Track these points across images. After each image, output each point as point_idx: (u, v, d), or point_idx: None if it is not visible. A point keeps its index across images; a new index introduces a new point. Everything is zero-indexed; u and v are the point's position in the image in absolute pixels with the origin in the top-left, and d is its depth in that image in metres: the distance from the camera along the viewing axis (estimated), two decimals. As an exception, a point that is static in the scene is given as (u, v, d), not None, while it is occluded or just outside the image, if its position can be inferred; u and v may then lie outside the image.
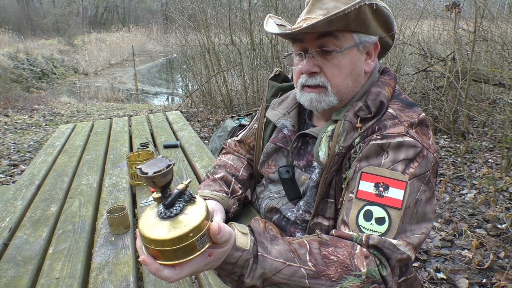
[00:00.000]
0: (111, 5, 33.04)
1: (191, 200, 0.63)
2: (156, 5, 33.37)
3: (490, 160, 3.51)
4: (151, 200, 1.43)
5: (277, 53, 5.46)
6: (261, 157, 1.15)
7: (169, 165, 0.61)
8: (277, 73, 1.22)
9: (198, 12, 5.86)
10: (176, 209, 0.61)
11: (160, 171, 0.59)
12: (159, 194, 0.62)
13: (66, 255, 1.12)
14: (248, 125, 1.33)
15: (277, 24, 1.04)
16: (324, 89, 0.93)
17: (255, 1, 7.33)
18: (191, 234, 0.58)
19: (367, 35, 0.90)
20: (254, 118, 1.29)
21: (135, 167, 1.53)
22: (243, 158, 1.28)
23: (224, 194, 1.10)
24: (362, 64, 0.94)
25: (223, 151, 1.36)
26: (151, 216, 0.62)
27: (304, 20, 0.90)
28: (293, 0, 5.72)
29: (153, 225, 0.60)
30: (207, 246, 0.61)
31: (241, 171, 1.22)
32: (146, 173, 0.59)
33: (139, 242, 0.64)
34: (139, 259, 0.62)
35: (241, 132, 1.34)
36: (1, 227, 1.31)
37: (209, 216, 0.62)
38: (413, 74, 4.42)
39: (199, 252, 0.60)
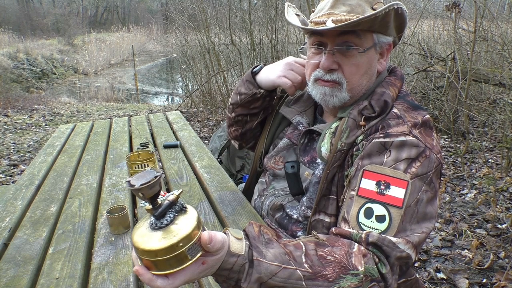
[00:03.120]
0: (111, 5, 33.03)
1: (182, 210, 0.64)
2: (156, 5, 33.37)
3: (490, 160, 3.51)
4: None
5: (277, 53, 5.46)
6: (272, 151, 1.17)
7: (156, 177, 0.61)
8: None
9: (198, 12, 5.86)
10: (166, 220, 0.61)
11: (146, 182, 0.60)
12: (151, 206, 0.62)
13: (66, 255, 1.12)
14: None
15: (295, 14, 1.05)
16: (338, 85, 0.93)
17: (255, 1, 7.33)
18: (181, 244, 0.59)
19: (385, 36, 0.92)
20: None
21: (135, 168, 1.54)
22: None
23: None
24: (376, 64, 0.95)
25: None
26: (143, 227, 0.63)
27: (328, 15, 0.89)
28: (293, 0, 5.71)
29: (144, 236, 0.61)
30: (198, 255, 0.61)
31: None
32: (134, 186, 0.60)
33: (134, 254, 0.64)
34: (133, 269, 0.62)
35: None
36: (1, 227, 1.31)
37: (200, 225, 0.63)
38: (413, 74, 4.42)
39: (190, 262, 0.60)
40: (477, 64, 3.75)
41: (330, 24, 0.86)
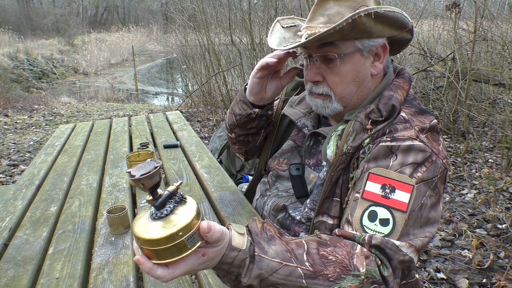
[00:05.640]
0: (111, 5, 33.03)
1: (182, 200, 0.65)
2: (156, 5, 33.37)
3: (490, 160, 3.52)
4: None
5: (277, 53, 5.45)
6: (276, 153, 1.17)
7: (155, 167, 0.63)
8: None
9: (198, 12, 5.86)
10: (166, 210, 0.63)
11: (146, 173, 0.61)
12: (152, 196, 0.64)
13: (66, 255, 1.12)
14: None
15: (285, 27, 1.04)
16: (328, 97, 0.95)
17: (255, 1, 7.33)
18: (181, 233, 0.60)
19: (372, 40, 0.90)
20: (277, 100, 1.29)
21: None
22: None
23: None
24: (368, 68, 0.93)
25: None
26: (143, 217, 0.64)
27: (306, 29, 0.90)
28: (293, 0, 5.72)
29: (144, 225, 0.62)
30: (198, 245, 0.62)
31: None
32: (134, 176, 0.61)
33: (135, 244, 0.65)
34: (134, 259, 0.63)
35: None
36: (1, 227, 1.31)
37: (199, 216, 0.64)
38: (413, 74, 4.42)
39: (190, 251, 0.61)
40: (477, 64, 3.75)
41: (303, 40, 0.86)
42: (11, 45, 15.33)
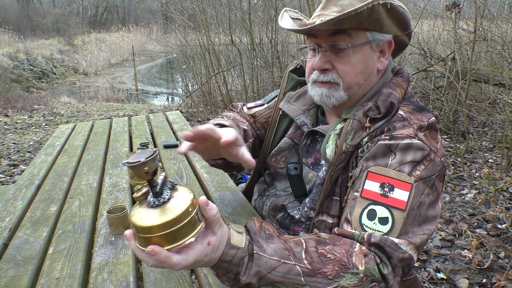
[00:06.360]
0: (111, 5, 33.05)
1: (173, 187, 0.67)
2: (156, 5, 33.39)
3: (490, 160, 3.51)
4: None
5: (277, 53, 5.46)
6: (274, 150, 1.15)
7: (154, 151, 0.64)
8: (297, 66, 1.22)
9: (198, 12, 5.86)
10: (167, 195, 0.64)
11: (150, 156, 0.62)
12: (141, 192, 0.64)
13: (66, 255, 1.12)
14: (264, 104, 1.28)
15: (292, 18, 1.04)
16: (335, 85, 0.93)
17: (255, 1, 7.33)
18: (190, 209, 0.62)
19: (381, 34, 0.91)
20: (273, 101, 1.25)
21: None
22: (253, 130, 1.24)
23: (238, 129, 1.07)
24: (375, 62, 0.94)
25: (231, 111, 1.30)
26: (143, 210, 0.64)
27: (318, 16, 0.90)
28: (293, 0, 5.72)
29: (150, 214, 0.62)
30: (203, 222, 0.65)
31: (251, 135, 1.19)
32: (139, 161, 0.61)
33: (133, 244, 0.63)
34: (147, 250, 0.59)
35: (253, 107, 1.28)
36: (1, 227, 1.31)
37: (195, 197, 0.67)
38: (413, 74, 4.42)
39: (201, 225, 0.64)
40: (477, 64, 3.75)
41: (318, 22, 0.87)
42: (11, 45, 15.33)
